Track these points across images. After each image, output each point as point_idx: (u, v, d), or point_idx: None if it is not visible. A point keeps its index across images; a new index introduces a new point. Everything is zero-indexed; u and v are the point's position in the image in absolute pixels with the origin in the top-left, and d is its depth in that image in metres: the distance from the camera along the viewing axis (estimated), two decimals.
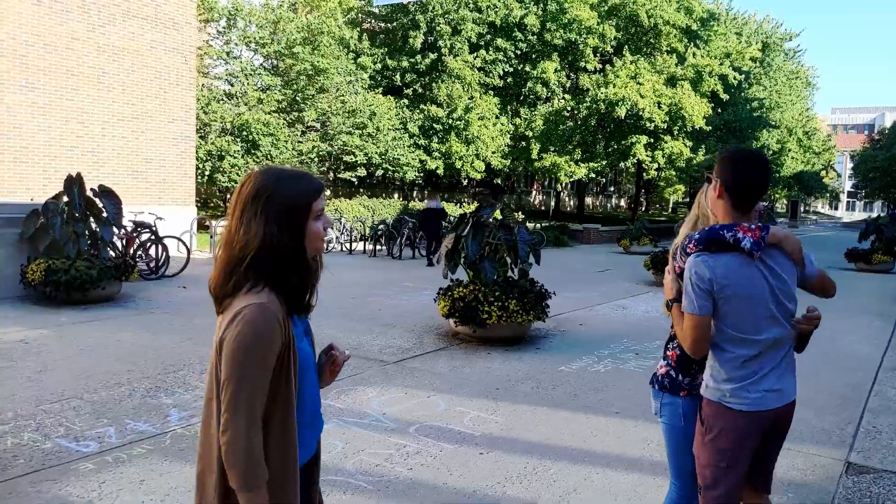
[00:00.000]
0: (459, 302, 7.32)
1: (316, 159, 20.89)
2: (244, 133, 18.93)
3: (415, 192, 30.80)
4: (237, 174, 18.89)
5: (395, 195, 29.09)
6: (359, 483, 3.90)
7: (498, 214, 8.36)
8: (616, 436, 4.87)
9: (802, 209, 69.58)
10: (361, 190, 26.48)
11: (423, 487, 3.90)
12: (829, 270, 2.54)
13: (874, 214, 74.21)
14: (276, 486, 1.59)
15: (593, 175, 29.78)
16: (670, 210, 54.25)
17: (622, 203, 56.31)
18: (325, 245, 1.71)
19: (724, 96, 29.17)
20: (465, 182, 29.06)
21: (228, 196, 21.53)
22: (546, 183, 42.70)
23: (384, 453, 4.35)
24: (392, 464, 4.20)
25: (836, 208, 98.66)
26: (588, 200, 50.39)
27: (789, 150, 42.08)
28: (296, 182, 1.63)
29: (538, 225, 24.83)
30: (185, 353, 6.66)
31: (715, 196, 2.44)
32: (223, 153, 18.52)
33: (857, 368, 7.12)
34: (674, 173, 31.84)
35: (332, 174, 22.54)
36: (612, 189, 54.59)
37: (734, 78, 29.53)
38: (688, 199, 55.20)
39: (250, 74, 20.58)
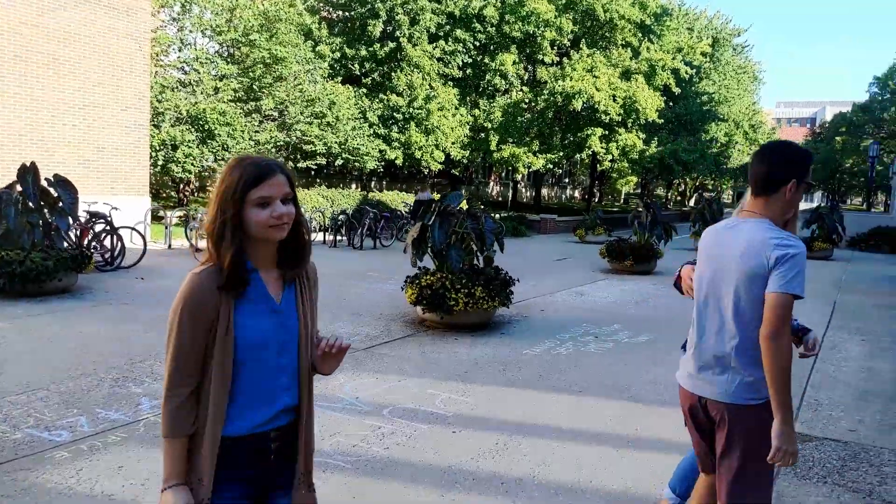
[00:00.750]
0: (427, 290, 7.45)
1: (273, 149, 20.69)
2: (200, 122, 18.64)
3: (373, 183, 30.76)
4: (192, 164, 18.60)
5: (354, 185, 28.99)
6: (337, 462, 4.01)
7: (464, 204, 8.50)
8: (580, 413, 5.08)
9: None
10: (319, 180, 26.33)
11: (399, 465, 4.03)
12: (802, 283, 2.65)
13: (815, 204, 76.65)
14: (202, 453, 1.73)
15: (550, 166, 30.23)
16: (622, 201, 55.30)
17: (576, 194, 57.20)
18: (282, 231, 1.76)
19: (676, 90, 29.89)
20: (425, 172, 29.12)
21: (182, 186, 21.18)
22: (504, 174, 43.10)
23: (360, 434, 4.47)
24: (368, 444, 4.32)
25: None
26: (544, 191, 51.00)
27: (736, 143, 43.27)
28: (239, 170, 1.74)
29: (497, 215, 25.09)
30: (151, 343, 6.63)
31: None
32: (177, 143, 18.21)
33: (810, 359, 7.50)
34: (627, 165, 32.52)
35: (290, 164, 22.34)
36: (567, 180, 55.36)
37: (686, 72, 30.27)
38: (639, 191, 56.40)
39: (205, 62, 20.24)
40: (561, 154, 28.51)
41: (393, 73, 26.15)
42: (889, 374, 6.52)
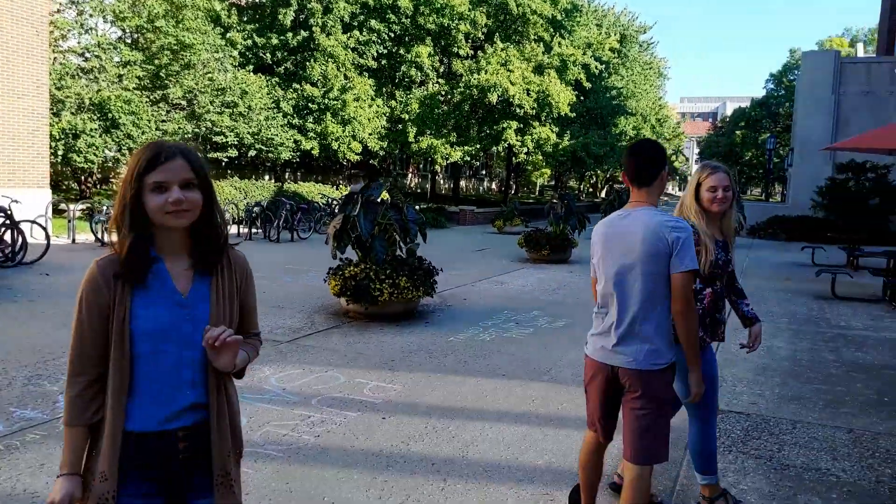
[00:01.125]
0: (351, 281, 7.47)
1: (181, 140, 19.98)
2: (103, 111, 17.79)
3: (287, 174, 30.21)
4: (95, 154, 17.74)
5: (267, 177, 28.37)
6: (268, 452, 4.02)
7: (385, 195, 8.54)
8: (504, 395, 5.26)
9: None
10: (230, 171, 25.62)
11: (331, 451, 4.08)
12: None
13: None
14: (104, 447, 1.71)
15: (468, 158, 30.54)
16: (538, 193, 56.55)
17: (493, 186, 58.07)
18: (181, 218, 1.71)
19: (587, 84, 30.78)
20: (344, 163, 28.80)
21: (84, 178, 20.17)
22: (421, 166, 43.22)
23: (289, 424, 4.48)
24: (298, 433, 4.34)
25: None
26: (462, 183, 51.43)
27: (644, 137, 45.00)
28: (140, 154, 1.72)
29: (417, 207, 25.20)
30: (62, 339, 6.37)
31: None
32: (79, 132, 17.32)
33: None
34: (541, 158, 33.26)
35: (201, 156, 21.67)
36: (484, 173, 56.07)
37: (595, 67, 31.21)
38: (553, 183, 57.85)
39: (108, 48, 19.30)
40: (478, 146, 28.87)
41: (307, 63, 25.72)
42: (786, 352, 7.03)
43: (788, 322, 8.63)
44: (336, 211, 21.40)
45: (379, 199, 7.82)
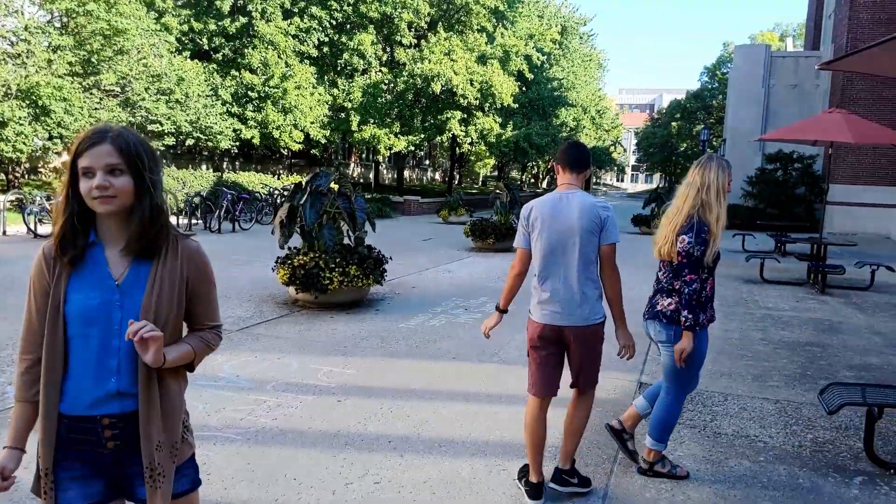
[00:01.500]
0: (300, 270, 7.51)
1: None
2: (32, 97, 17.12)
3: (225, 164, 29.68)
4: (24, 143, 17.08)
5: (205, 166, 27.80)
6: (227, 435, 4.09)
7: (333, 184, 8.57)
8: (455, 376, 5.44)
9: (594, 181, 76.22)
10: (166, 160, 25.00)
11: (290, 433, 4.18)
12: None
13: (654, 185, 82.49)
14: (39, 422, 1.77)
15: (412, 148, 30.57)
16: (481, 183, 57.00)
17: (437, 176, 58.26)
18: (107, 204, 1.70)
19: (530, 76, 31.17)
20: (284, 152, 28.41)
21: (12, 167, 19.40)
22: (364, 155, 43.01)
23: (246, 409, 4.55)
24: (255, 417, 4.42)
25: (622, 180, 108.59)
26: (406, 174, 51.39)
27: (584, 128, 45.82)
28: (75, 139, 1.75)
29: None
30: (4, 332, 6.24)
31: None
32: (6, 119, 16.63)
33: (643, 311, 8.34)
34: (484, 148, 33.53)
35: None
36: (427, 163, 56.18)
37: (538, 59, 31.62)
38: (496, 173, 58.45)
39: (36, 32, 18.55)
40: (422, 136, 28.92)
41: (246, 50, 25.26)
42: (717, 332, 7.42)
43: (719, 304, 9.06)
44: (279, 201, 21.27)
45: (327, 189, 7.86)
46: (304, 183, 7.98)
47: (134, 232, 1.75)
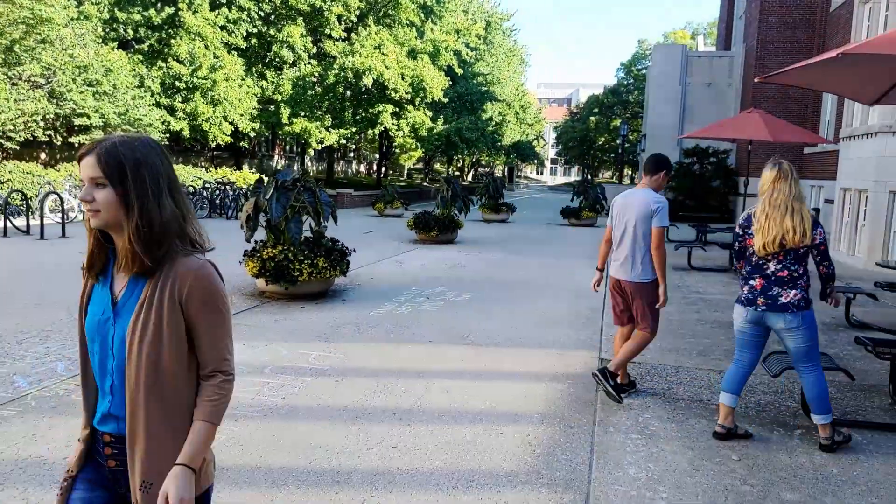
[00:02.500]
0: (270, 262, 7.76)
1: (42, 122, 18.74)
2: None
3: None
4: None
5: None
6: (243, 413, 4.41)
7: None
8: (437, 357, 5.89)
9: (516, 174, 77.83)
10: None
11: (301, 409, 4.53)
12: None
13: (572, 178, 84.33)
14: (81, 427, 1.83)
15: (344, 141, 30.62)
16: (406, 175, 57.36)
17: (362, 168, 58.25)
18: (94, 218, 1.65)
19: (459, 71, 31.78)
20: (212, 144, 27.93)
21: None
22: (288, 148, 42.63)
23: (253, 390, 4.86)
24: (264, 396, 4.74)
25: (542, 173, 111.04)
26: (311, 166, 51.26)
27: (508, 122, 46.90)
28: None
29: None
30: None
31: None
32: None
33: (591, 297, 9.00)
34: (411, 141, 33.96)
35: (60, 138, 20.37)
36: (352, 155, 56.07)
37: (467, 54, 32.26)
38: (420, 166, 59.02)
39: None
40: (354, 129, 29.05)
41: (172, 41, 24.73)
42: (666, 315, 8.14)
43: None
44: (212, 196, 21.02)
45: (291, 184, 8.12)
46: (265, 179, 8.21)
47: (120, 248, 1.68)
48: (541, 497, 3.47)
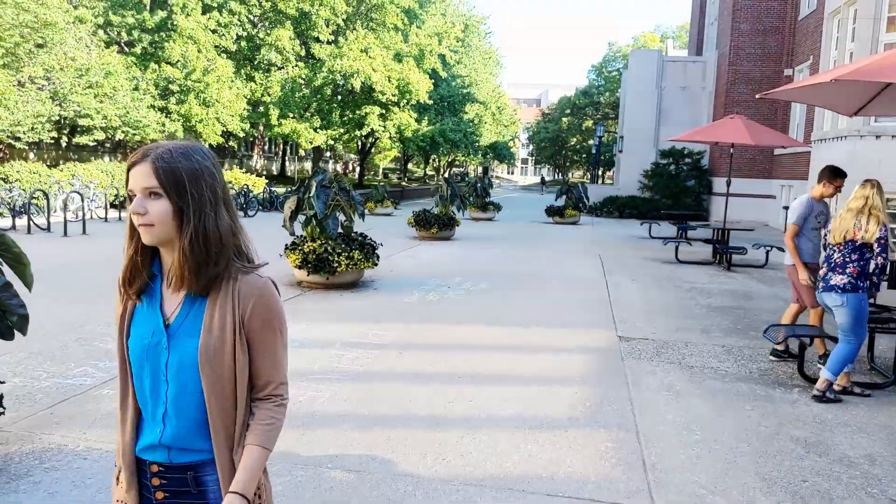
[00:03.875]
0: (312, 255, 8.51)
1: (48, 124, 19.13)
2: None
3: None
4: None
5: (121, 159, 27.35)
6: (331, 377, 5.19)
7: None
8: (479, 336, 6.72)
9: (490, 174, 78.99)
10: (94, 156, 24.57)
11: (379, 373, 5.34)
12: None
13: (541, 178, 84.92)
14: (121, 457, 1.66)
15: (332, 142, 31.26)
16: (381, 175, 58.08)
17: (338, 168, 58.84)
18: (146, 233, 1.52)
19: (444, 74, 32.62)
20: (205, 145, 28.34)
21: None
22: (267, 147, 43.15)
23: (334, 360, 5.64)
24: (344, 364, 5.53)
25: (513, 173, 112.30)
26: (307, 165, 51.76)
27: (485, 123, 47.92)
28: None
29: (282, 189, 25.73)
30: (64, 313, 6.90)
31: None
32: None
33: (595, 287, 9.92)
34: (388, 142, 34.74)
35: (65, 139, 20.75)
36: (328, 155, 56.60)
37: (451, 58, 33.12)
38: (394, 165, 59.79)
39: None
40: (342, 130, 29.73)
41: (166, 44, 25.19)
42: (660, 301, 9.08)
43: (652, 280, 10.82)
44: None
45: (328, 183, 8.89)
46: (306, 180, 8.96)
47: (173, 265, 1.54)
48: (600, 434, 4.33)
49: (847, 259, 5.10)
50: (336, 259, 8.50)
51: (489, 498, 3.44)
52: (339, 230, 9.31)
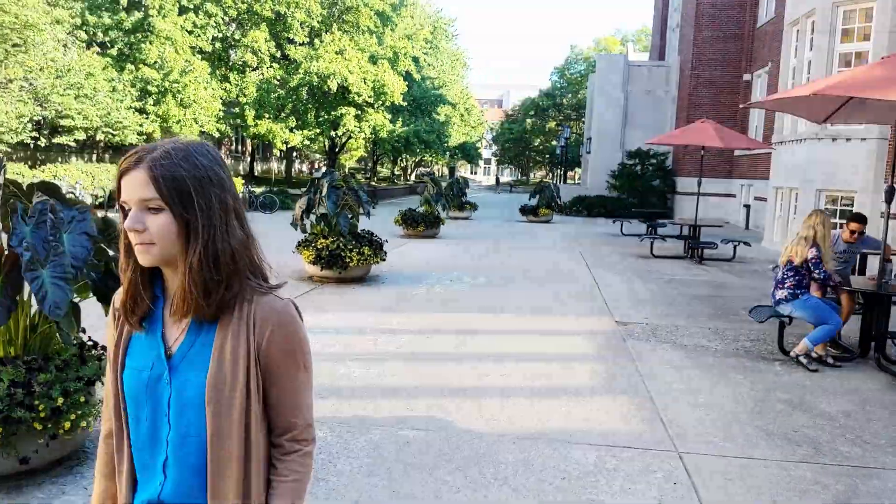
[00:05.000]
0: (325, 251, 9.07)
1: (29, 125, 19.18)
2: None
3: (107, 157, 29.24)
4: None
5: (99, 160, 27.30)
6: (377, 357, 5.81)
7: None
8: (490, 322, 7.39)
9: (455, 173, 79.87)
10: (52, 154, 24.52)
11: (413, 353, 6.00)
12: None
13: (506, 178, 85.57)
14: None
15: (308, 142, 31.60)
16: (348, 174, 58.37)
17: (304, 168, 59.02)
18: (145, 253, 1.26)
19: (418, 76, 33.25)
20: None
21: None
22: (233, 148, 43.29)
23: (369, 343, 6.26)
24: (381, 346, 6.16)
25: (476, 173, 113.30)
26: (273, 165, 51.87)
27: (454, 124, 48.71)
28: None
29: (260, 189, 26.04)
30: None
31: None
32: None
33: (583, 279, 10.68)
34: (363, 142, 35.26)
35: (44, 139, 20.77)
36: (294, 155, 56.72)
37: (424, 60, 33.77)
38: (359, 165, 60.18)
39: None
40: (317, 131, 30.13)
41: (142, 45, 25.28)
42: (645, 291, 9.88)
43: (633, 273, 11.64)
44: None
45: (339, 182, 9.46)
46: (316, 180, 9.53)
47: (178, 287, 1.30)
48: (618, 399, 5.04)
49: (786, 276, 6.30)
50: (348, 255, 9.08)
51: (543, 446, 4.12)
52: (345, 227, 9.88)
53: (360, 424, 4.37)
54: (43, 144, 21.14)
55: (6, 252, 3.58)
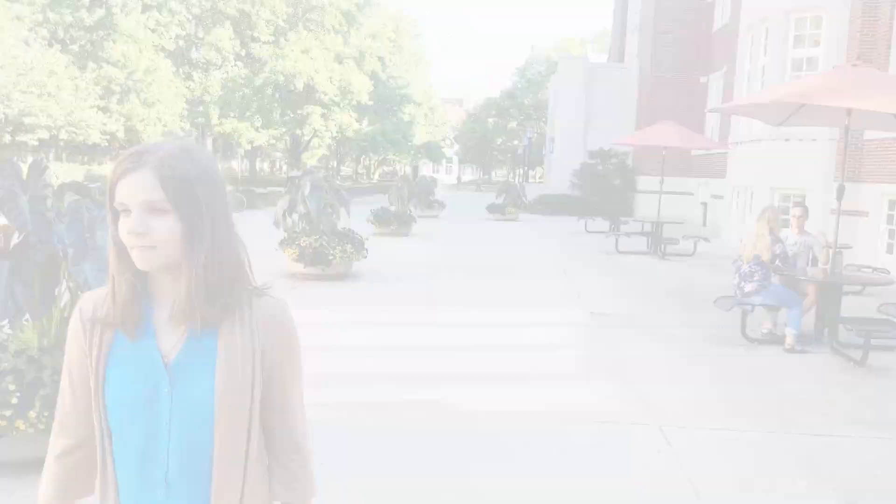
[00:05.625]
0: (308, 249, 9.33)
1: None
2: None
3: (64, 156, 28.83)
4: None
5: (53, 159, 26.89)
6: (384, 348, 6.14)
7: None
8: (480, 315, 7.77)
9: (418, 173, 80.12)
10: (4, 154, 24.15)
11: (400, 345, 6.35)
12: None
13: (468, 177, 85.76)
14: None
15: (273, 141, 31.58)
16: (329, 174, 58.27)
17: (265, 167, 58.64)
18: (147, 257, 1.20)
19: (384, 76, 33.50)
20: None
21: None
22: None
23: (373, 337, 6.59)
24: (385, 340, 6.50)
25: (438, 172, 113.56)
26: (234, 164, 51.41)
27: (419, 123, 49.01)
28: (115, 163, 1.24)
29: (230, 188, 25.96)
30: None
31: None
32: None
33: (555, 274, 11.15)
34: (330, 140, 35.41)
35: (8, 137, 20.46)
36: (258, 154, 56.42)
37: (390, 60, 34.02)
38: (319, 164, 60.11)
39: None
40: (283, 130, 30.15)
41: (105, 43, 25.03)
42: (618, 284, 10.36)
43: (602, 268, 12.14)
44: None
45: (320, 183, 9.72)
46: (297, 179, 9.77)
47: (182, 292, 1.23)
48: (600, 383, 5.48)
49: (753, 270, 6.85)
50: (331, 252, 9.35)
51: (540, 424, 4.51)
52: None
53: (377, 401, 4.70)
54: (7, 142, 20.81)
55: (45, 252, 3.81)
